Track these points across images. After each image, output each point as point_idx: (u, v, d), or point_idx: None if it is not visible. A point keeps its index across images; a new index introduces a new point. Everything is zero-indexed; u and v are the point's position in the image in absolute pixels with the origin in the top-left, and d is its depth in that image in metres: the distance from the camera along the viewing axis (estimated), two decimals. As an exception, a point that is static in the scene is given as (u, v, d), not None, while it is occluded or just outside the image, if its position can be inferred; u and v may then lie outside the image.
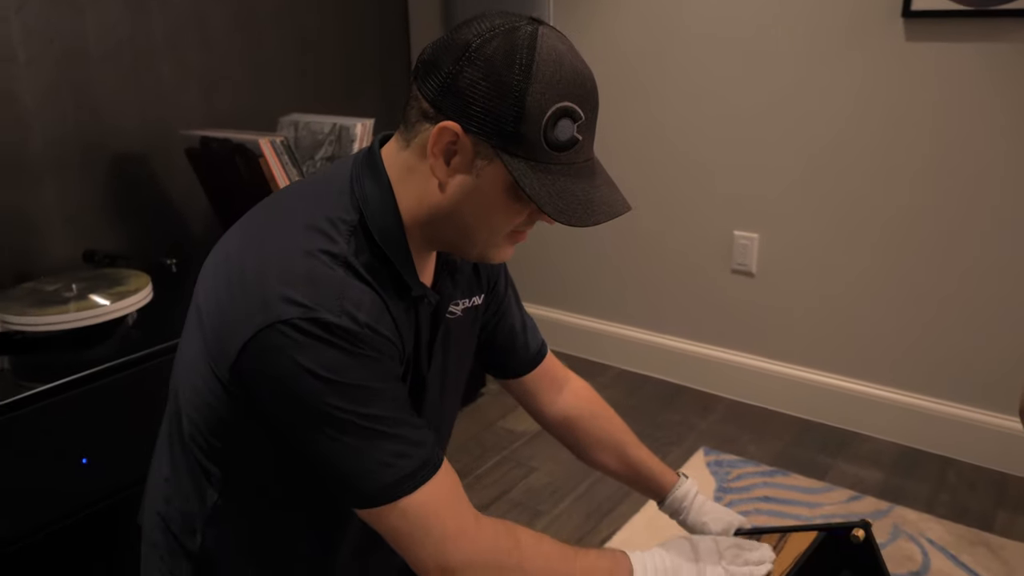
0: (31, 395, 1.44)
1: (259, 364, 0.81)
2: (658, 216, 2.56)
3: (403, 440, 0.83)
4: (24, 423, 1.43)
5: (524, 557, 0.88)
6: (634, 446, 1.24)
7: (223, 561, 0.97)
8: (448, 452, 2.34)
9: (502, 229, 0.88)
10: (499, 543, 0.87)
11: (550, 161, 0.81)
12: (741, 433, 2.33)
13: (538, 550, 0.90)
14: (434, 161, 0.83)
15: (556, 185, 0.82)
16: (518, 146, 0.80)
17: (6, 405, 1.41)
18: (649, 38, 2.43)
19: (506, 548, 0.87)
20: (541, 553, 0.90)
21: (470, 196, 0.84)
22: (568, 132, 0.81)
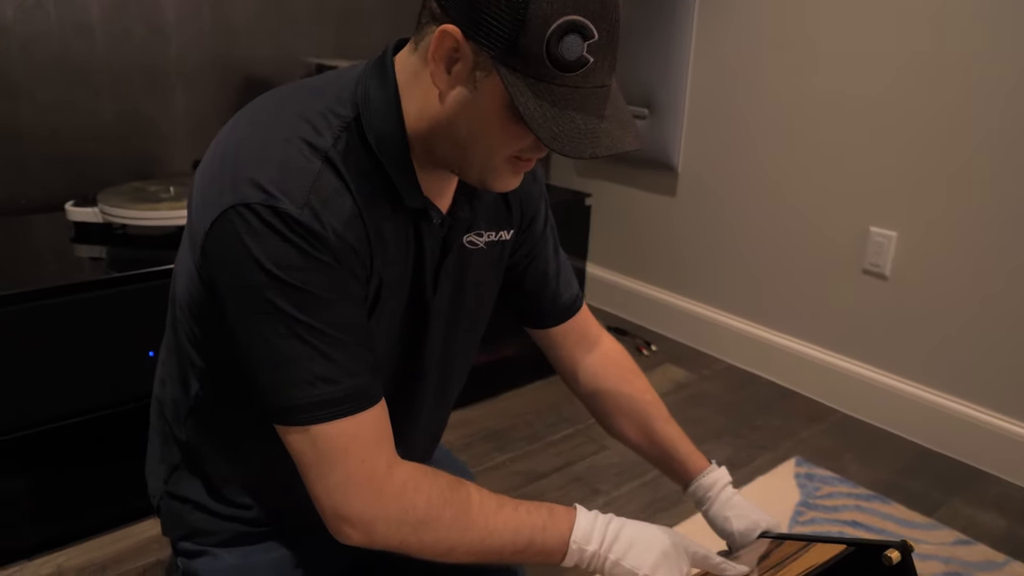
0: (108, 279, 1.51)
1: (217, 246, 0.77)
2: (788, 206, 2.35)
3: (335, 364, 0.77)
4: (99, 306, 1.50)
5: (431, 512, 0.80)
6: (662, 420, 1.11)
7: (204, 453, 0.96)
8: (523, 415, 2.31)
9: (500, 152, 0.78)
10: (405, 496, 0.79)
11: (553, 81, 0.71)
12: (846, 450, 2.10)
13: (454, 501, 0.81)
14: (434, 68, 0.75)
15: (556, 108, 0.71)
16: (518, 60, 0.70)
17: (84, 284, 1.48)
18: (783, 16, 2.21)
19: (411, 503, 0.79)
20: (455, 505, 0.81)
21: (467, 111, 0.76)
22: (576, 50, 0.70)
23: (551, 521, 0.84)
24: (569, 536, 0.84)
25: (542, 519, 0.84)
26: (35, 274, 1.52)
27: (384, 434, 0.81)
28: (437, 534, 0.80)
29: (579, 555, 0.85)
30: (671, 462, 1.11)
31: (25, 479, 1.51)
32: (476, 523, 0.81)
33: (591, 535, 0.85)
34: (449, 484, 0.83)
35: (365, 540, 0.79)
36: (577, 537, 0.84)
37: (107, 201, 1.66)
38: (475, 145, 0.78)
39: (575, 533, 0.84)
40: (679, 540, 0.88)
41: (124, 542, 1.59)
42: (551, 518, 0.85)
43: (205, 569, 0.97)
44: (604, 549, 0.84)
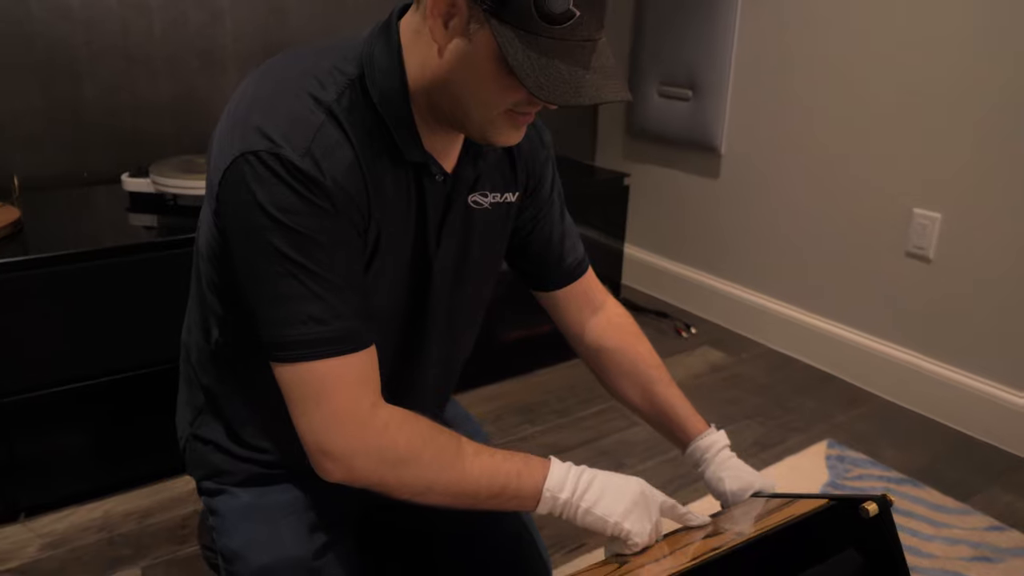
0: (149, 243, 1.61)
1: (227, 192, 0.83)
2: (831, 187, 2.32)
3: (327, 305, 0.81)
4: (150, 268, 1.60)
5: (411, 451, 0.84)
6: (663, 383, 1.14)
7: (224, 396, 1.02)
8: (555, 391, 2.34)
9: (495, 104, 0.82)
10: (387, 434, 0.84)
11: (540, 33, 0.75)
12: (882, 435, 2.07)
13: (433, 444, 0.85)
14: (433, 23, 0.80)
15: (544, 59, 0.75)
16: (508, 12, 0.74)
17: (135, 246, 1.59)
18: None
19: (392, 441, 0.84)
20: (434, 446, 0.85)
21: (463, 63, 0.80)
22: (563, 4, 0.74)
23: (526, 469, 0.88)
24: (543, 484, 0.88)
25: (517, 467, 0.88)
26: (93, 238, 1.63)
27: (370, 377, 0.85)
28: (415, 472, 0.84)
29: (552, 503, 0.88)
30: (670, 424, 1.13)
31: (81, 429, 1.63)
32: (453, 465, 0.86)
33: (564, 484, 0.88)
34: (430, 427, 0.87)
35: (345, 475, 0.84)
36: (550, 485, 0.88)
37: (158, 172, 1.76)
38: (472, 98, 0.82)
39: (548, 481, 0.88)
40: (649, 490, 0.91)
41: (166, 493, 1.70)
42: (526, 466, 0.88)
43: (223, 506, 1.04)
44: (576, 497, 0.88)
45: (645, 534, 0.89)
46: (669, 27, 2.63)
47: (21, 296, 1.51)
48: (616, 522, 0.88)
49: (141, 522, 1.62)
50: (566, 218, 1.15)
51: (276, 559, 0.96)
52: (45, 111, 1.94)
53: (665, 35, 2.65)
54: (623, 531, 0.88)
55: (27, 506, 1.63)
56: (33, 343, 1.54)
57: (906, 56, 2.08)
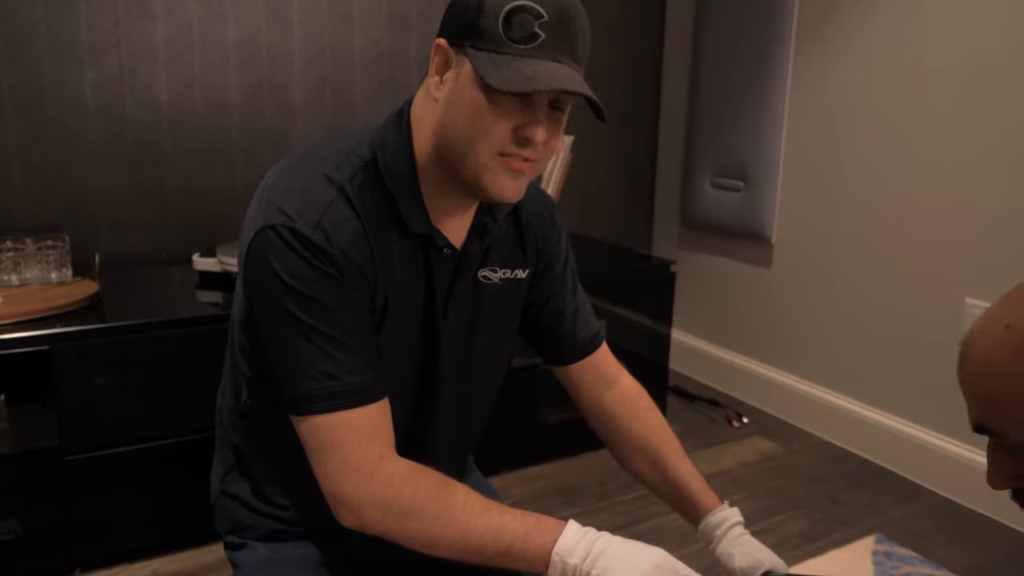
0: (212, 316, 1.74)
1: (251, 263, 0.92)
2: (883, 276, 2.30)
3: (337, 362, 0.88)
4: (211, 339, 1.73)
5: (416, 504, 0.87)
6: (675, 459, 1.14)
7: (250, 455, 1.09)
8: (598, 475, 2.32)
9: (485, 141, 0.87)
10: (392, 486, 0.88)
11: (510, 52, 0.84)
12: (936, 533, 1.98)
13: (439, 498, 0.88)
14: (432, 81, 0.90)
15: (509, 66, 0.83)
16: (483, 40, 0.84)
17: (193, 319, 1.72)
18: (875, 88, 2.22)
19: (397, 493, 0.87)
20: (440, 500, 0.88)
21: (453, 99, 0.88)
22: (528, 27, 0.83)
23: (536, 530, 0.89)
24: (552, 547, 0.87)
25: (526, 527, 0.89)
26: (163, 310, 1.77)
27: (380, 429, 0.91)
28: (419, 525, 0.88)
29: (561, 567, 0.87)
30: (682, 499, 1.13)
31: (138, 490, 1.73)
32: (457, 520, 0.88)
33: (575, 549, 0.87)
34: (438, 482, 0.90)
35: (356, 522, 0.89)
36: (560, 549, 0.87)
37: (224, 252, 1.90)
38: (464, 134, 0.88)
39: (559, 545, 0.87)
40: (669, 563, 0.88)
41: (213, 555, 1.76)
42: (537, 527, 0.89)
43: (244, 559, 1.09)
44: (587, 564, 0.86)
45: None
46: (720, 119, 2.71)
47: (92, 362, 1.64)
48: None
49: (185, 582, 1.69)
50: (579, 294, 1.19)
51: None
52: (130, 195, 2.14)
53: (717, 127, 2.73)
54: None
55: (82, 561, 1.72)
56: (99, 406, 1.67)
57: (955, 143, 2.09)
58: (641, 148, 3.08)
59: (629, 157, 3.05)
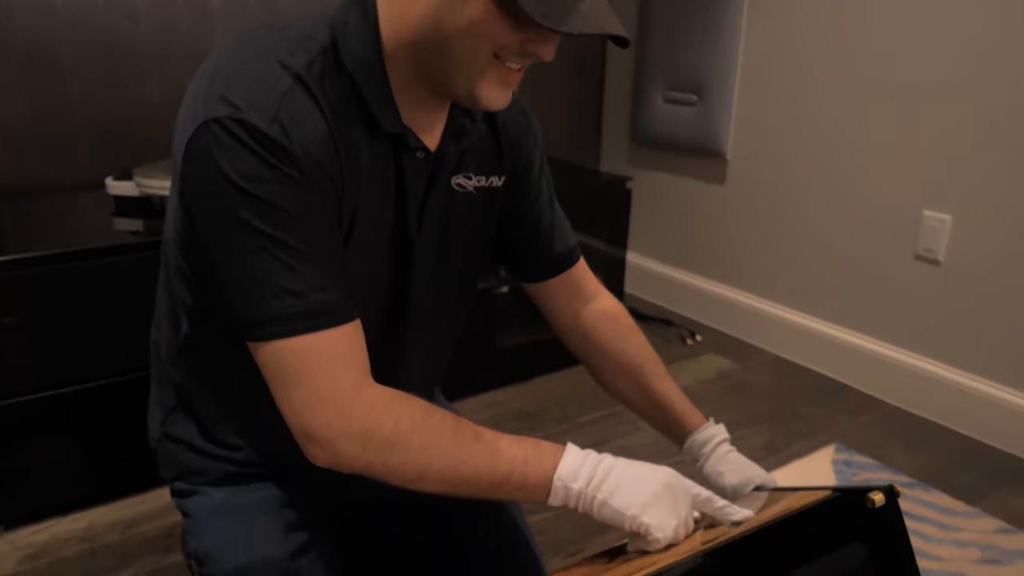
0: (134, 244, 1.58)
1: (190, 166, 0.79)
2: (839, 191, 2.27)
3: (301, 278, 0.77)
4: (128, 272, 1.56)
5: (399, 435, 0.78)
6: (659, 377, 1.08)
7: (195, 393, 0.98)
8: (557, 398, 2.26)
9: (483, 46, 0.76)
10: (372, 416, 0.78)
11: None
12: (891, 441, 2.01)
13: (426, 427, 0.79)
14: None
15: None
16: None
17: (110, 248, 1.56)
18: None
19: (377, 424, 0.78)
20: (428, 429, 0.79)
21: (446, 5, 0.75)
22: None
23: (535, 456, 0.81)
24: (553, 473, 0.80)
25: (524, 453, 0.81)
26: (74, 240, 1.59)
27: (354, 354, 0.80)
28: (405, 457, 0.78)
29: (564, 493, 0.80)
30: (667, 419, 1.08)
31: (62, 439, 1.58)
32: (448, 450, 0.79)
33: (578, 473, 0.80)
34: (422, 409, 0.81)
35: (331, 460, 0.78)
36: (562, 474, 0.80)
37: (143, 175, 1.72)
38: (459, 41, 0.76)
39: (560, 470, 0.80)
40: (678, 481, 0.83)
41: (152, 503, 1.65)
42: (535, 453, 0.81)
43: (195, 507, 0.99)
44: (592, 488, 0.80)
45: (668, 529, 0.79)
46: (674, 32, 2.60)
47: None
48: (634, 515, 0.79)
49: (125, 532, 1.56)
50: (555, 206, 1.10)
51: (251, 559, 0.91)
52: (26, 113, 1.91)
53: (670, 40, 2.62)
54: (642, 526, 0.79)
55: (6, 518, 1.58)
56: (11, 349, 1.50)
57: (915, 56, 2.04)
58: (588, 60, 2.94)
59: (576, 70, 2.92)
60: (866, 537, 0.83)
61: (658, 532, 0.79)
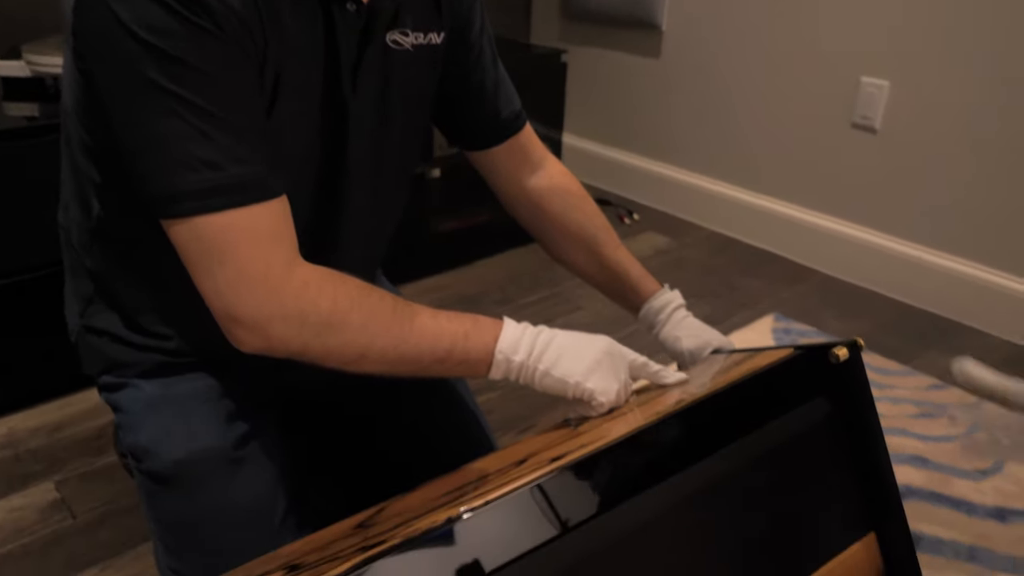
0: (28, 128, 1.43)
1: (84, 20, 0.68)
2: (775, 59, 2.22)
3: (219, 147, 0.68)
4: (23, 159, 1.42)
5: (337, 315, 0.73)
6: (612, 246, 1.05)
7: (114, 280, 0.90)
8: (496, 281, 2.21)
9: None
10: (306, 296, 0.72)
11: None
12: (826, 308, 2.05)
13: (364, 305, 0.75)
14: None
15: None
16: None
17: (4, 133, 1.41)
18: None
19: (312, 304, 0.72)
20: (366, 308, 0.75)
21: None
22: None
23: (475, 330, 0.78)
24: (494, 345, 0.78)
25: (464, 328, 0.78)
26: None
27: (282, 231, 0.74)
28: (343, 338, 0.74)
29: (506, 366, 0.79)
30: (622, 287, 1.05)
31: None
32: (389, 328, 0.75)
33: (518, 345, 0.79)
34: (359, 288, 0.76)
35: (262, 344, 0.73)
36: (503, 347, 0.78)
37: (33, 51, 1.55)
38: None
39: (501, 343, 0.78)
40: (616, 348, 0.82)
41: (79, 405, 1.56)
42: (475, 327, 0.79)
43: (126, 400, 0.92)
44: (533, 359, 0.79)
45: (611, 393, 0.80)
46: None
47: None
48: (577, 382, 0.79)
49: (51, 436, 1.49)
50: (499, 67, 1.02)
51: (191, 451, 0.87)
52: None
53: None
54: (586, 391, 0.79)
55: (-80, 427, 1.48)
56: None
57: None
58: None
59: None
60: (829, 392, 0.82)
61: (602, 396, 0.79)
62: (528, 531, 0.63)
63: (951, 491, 1.34)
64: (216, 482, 0.88)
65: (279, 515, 0.90)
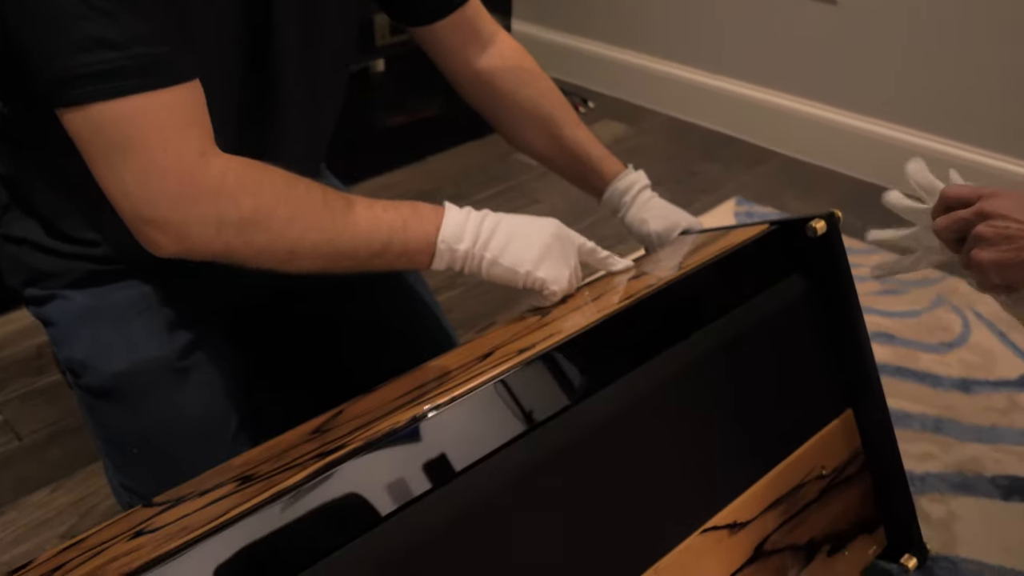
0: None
1: None
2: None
3: (117, 24, 0.59)
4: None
5: (261, 210, 0.66)
6: (570, 125, 0.99)
7: (29, 184, 0.82)
8: (449, 177, 2.12)
9: None
10: (224, 192, 0.65)
11: None
12: (788, 189, 2.02)
13: (290, 198, 0.68)
14: None
15: None
16: None
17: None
18: None
19: (232, 199, 0.65)
20: (293, 201, 0.68)
21: None
22: None
23: (414, 219, 0.73)
24: (436, 235, 0.73)
25: (402, 217, 0.72)
26: None
27: (197, 120, 0.66)
28: (269, 235, 0.67)
29: (450, 256, 0.74)
30: (583, 169, 1.00)
31: None
32: (319, 222, 0.69)
33: (462, 232, 0.73)
34: (285, 179, 0.69)
35: (178, 246, 0.66)
36: (446, 235, 0.73)
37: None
38: None
39: (443, 231, 0.73)
40: (564, 232, 0.78)
41: (15, 324, 1.48)
42: (414, 216, 0.73)
43: (57, 313, 0.85)
44: (479, 247, 0.73)
45: (563, 280, 0.76)
46: None
47: None
48: (528, 271, 0.74)
49: (-13, 358, 1.41)
50: None
51: (132, 363, 0.81)
52: None
53: None
54: (537, 281, 0.75)
55: None
56: None
57: None
58: None
59: None
60: (805, 269, 0.79)
61: (554, 285, 0.75)
62: (497, 427, 0.59)
63: (917, 365, 1.34)
64: (161, 394, 0.83)
65: (232, 427, 0.86)
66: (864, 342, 0.79)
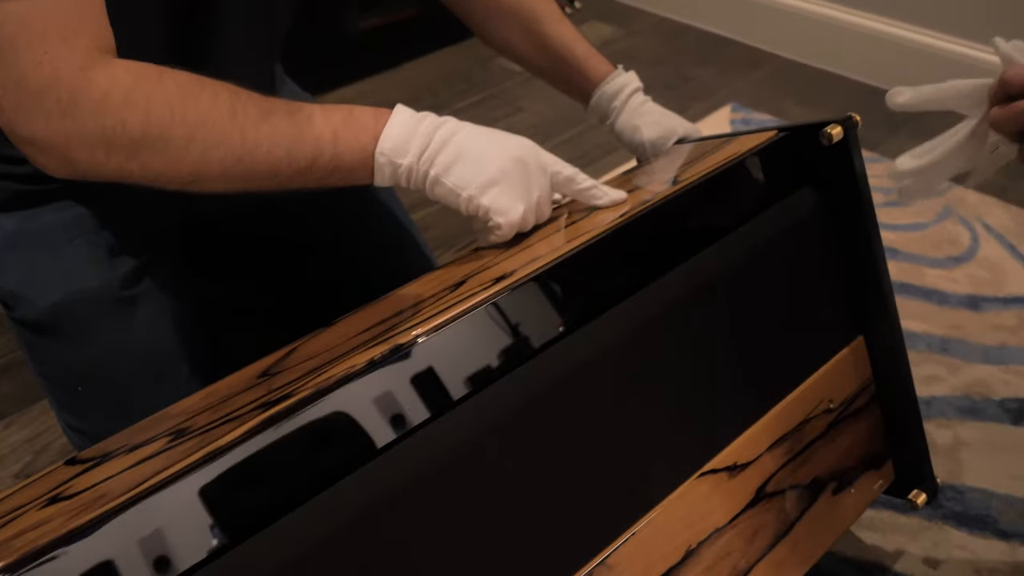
0: None
1: None
2: None
3: None
4: None
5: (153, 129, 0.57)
6: (553, 21, 0.88)
7: None
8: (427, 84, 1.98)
9: None
10: (108, 109, 0.56)
11: None
12: (787, 95, 1.90)
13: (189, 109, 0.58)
14: None
15: None
16: None
17: None
18: None
19: (119, 119, 0.56)
20: (193, 116, 0.58)
21: None
22: None
23: (347, 128, 0.61)
24: (374, 147, 0.61)
25: (332, 126, 0.61)
26: None
27: (80, 26, 0.56)
28: (166, 156, 0.58)
29: (392, 171, 0.62)
30: (568, 70, 0.90)
31: None
32: (226, 138, 0.59)
33: (408, 144, 0.61)
34: (182, 88, 0.59)
35: (67, 170, 0.58)
36: (386, 147, 0.61)
37: None
38: None
39: (383, 142, 0.61)
40: (534, 155, 0.65)
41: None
42: (348, 124, 0.61)
43: (-21, 240, 0.76)
44: (423, 162, 0.62)
45: (513, 213, 0.63)
46: None
47: None
48: (470, 196, 0.62)
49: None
50: None
51: (69, 293, 0.73)
52: None
53: None
54: (480, 208, 0.63)
55: None
56: None
57: None
58: None
59: None
60: (816, 180, 0.70)
61: (499, 217, 0.63)
62: (475, 365, 0.52)
63: (923, 281, 1.27)
64: (105, 325, 0.75)
65: (187, 361, 0.78)
66: (880, 261, 0.71)
